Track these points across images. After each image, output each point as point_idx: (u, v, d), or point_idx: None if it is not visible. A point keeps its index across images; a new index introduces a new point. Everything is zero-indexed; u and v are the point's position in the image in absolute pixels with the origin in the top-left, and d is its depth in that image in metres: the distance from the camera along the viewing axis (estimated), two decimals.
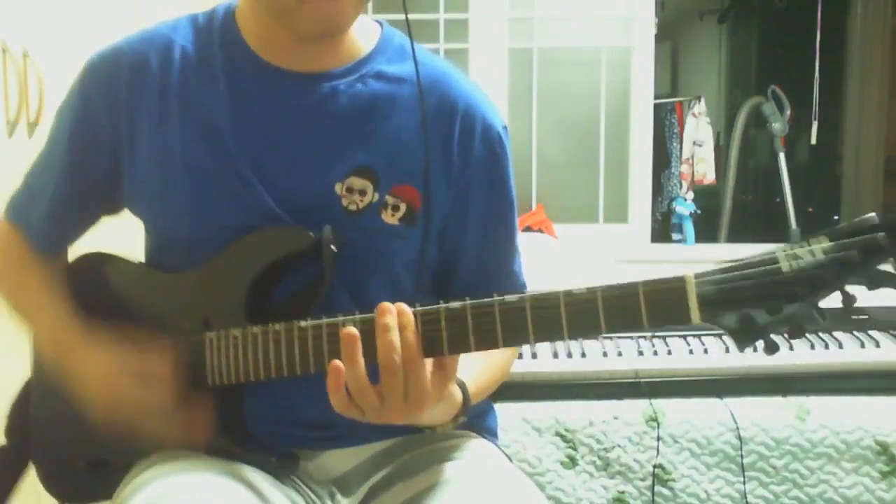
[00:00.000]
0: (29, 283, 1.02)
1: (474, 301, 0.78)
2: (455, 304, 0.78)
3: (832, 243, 0.70)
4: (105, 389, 0.91)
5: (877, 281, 0.70)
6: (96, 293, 1.00)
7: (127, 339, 0.92)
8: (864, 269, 0.69)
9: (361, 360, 0.77)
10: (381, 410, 0.78)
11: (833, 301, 0.72)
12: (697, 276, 0.73)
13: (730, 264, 0.73)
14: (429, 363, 0.79)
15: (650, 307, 0.74)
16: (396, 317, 0.77)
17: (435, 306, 0.79)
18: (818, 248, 0.70)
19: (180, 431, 0.89)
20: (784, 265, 0.70)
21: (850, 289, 0.71)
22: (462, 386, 0.86)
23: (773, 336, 0.73)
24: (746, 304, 0.71)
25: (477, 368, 0.92)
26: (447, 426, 0.87)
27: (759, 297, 0.71)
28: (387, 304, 0.78)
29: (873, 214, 0.71)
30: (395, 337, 0.76)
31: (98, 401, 0.92)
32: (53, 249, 1.04)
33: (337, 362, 0.77)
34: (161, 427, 0.90)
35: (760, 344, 0.73)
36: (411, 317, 0.77)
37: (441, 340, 0.78)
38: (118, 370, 0.90)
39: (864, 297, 0.73)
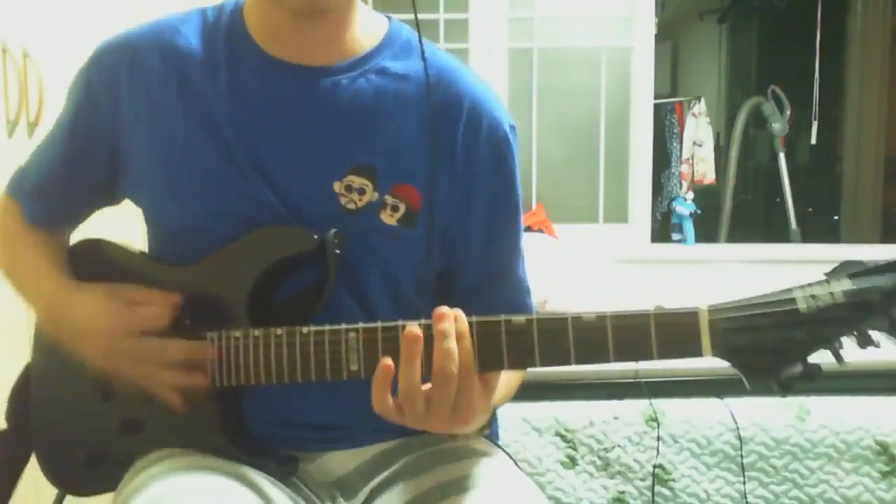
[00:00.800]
0: (23, 251, 1.03)
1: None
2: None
3: (852, 287, 0.68)
4: (99, 339, 0.91)
5: None
6: (94, 278, 0.99)
7: (122, 293, 0.92)
8: (884, 312, 0.67)
9: (419, 361, 0.75)
10: (425, 417, 0.77)
11: (850, 346, 0.70)
12: (711, 310, 0.72)
13: (745, 301, 0.71)
14: None
15: (661, 339, 0.73)
16: (454, 323, 0.76)
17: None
18: (837, 290, 0.68)
19: (178, 379, 0.88)
20: (801, 304, 0.69)
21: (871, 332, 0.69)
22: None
23: (786, 380, 0.71)
24: (760, 345, 0.70)
25: (500, 383, 0.92)
26: (470, 435, 0.86)
27: (773, 337, 0.69)
28: (445, 309, 0.76)
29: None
30: (454, 345, 0.75)
31: (92, 353, 0.92)
32: (43, 223, 1.04)
33: (387, 361, 0.76)
34: (159, 374, 0.88)
35: (775, 387, 0.72)
36: (467, 325, 0.76)
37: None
38: (112, 319, 0.90)
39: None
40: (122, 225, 1.08)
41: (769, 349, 0.70)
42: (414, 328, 0.76)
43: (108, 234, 1.04)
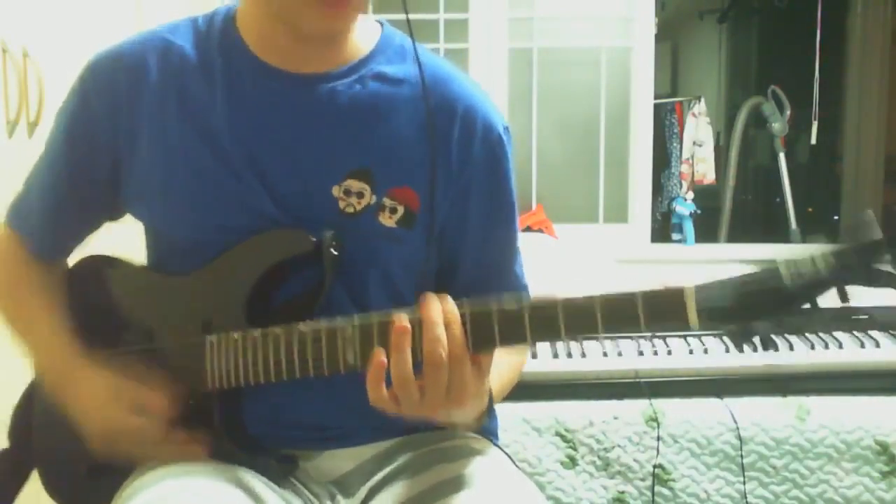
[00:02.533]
0: (26, 296, 1.01)
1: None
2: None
3: (832, 252, 0.72)
4: (100, 417, 0.92)
5: (874, 280, 0.72)
6: (97, 296, 1.00)
7: (122, 363, 0.92)
8: (862, 270, 0.71)
9: (409, 352, 0.77)
10: (420, 404, 0.78)
11: (831, 299, 0.73)
12: (698, 287, 0.75)
13: (728, 277, 0.75)
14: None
15: (648, 310, 0.75)
16: (442, 312, 0.78)
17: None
18: (819, 258, 0.72)
19: (177, 454, 0.90)
20: (785, 276, 0.72)
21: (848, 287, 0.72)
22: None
23: (769, 334, 0.75)
24: (745, 305, 0.73)
25: (494, 372, 0.92)
26: (471, 426, 0.87)
27: (758, 300, 0.72)
28: (431, 297, 0.79)
29: (870, 212, 0.72)
30: (442, 331, 0.77)
31: (93, 427, 0.93)
32: (53, 255, 1.04)
33: (380, 354, 0.77)
34: (158, 452, 0.91)
35: (757, 340, 0.75)
36: (457, 312, 0.78)
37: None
38: (113, 399, 0.90)
39: (864, 297, 0.73)
40: (119, 234, 1.08)
41: (753, 305, 0.73)
42: (403, 320, 0.78)
43: (105, 246, 1.03)
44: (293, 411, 0.95)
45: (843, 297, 0.72)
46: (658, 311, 0.75)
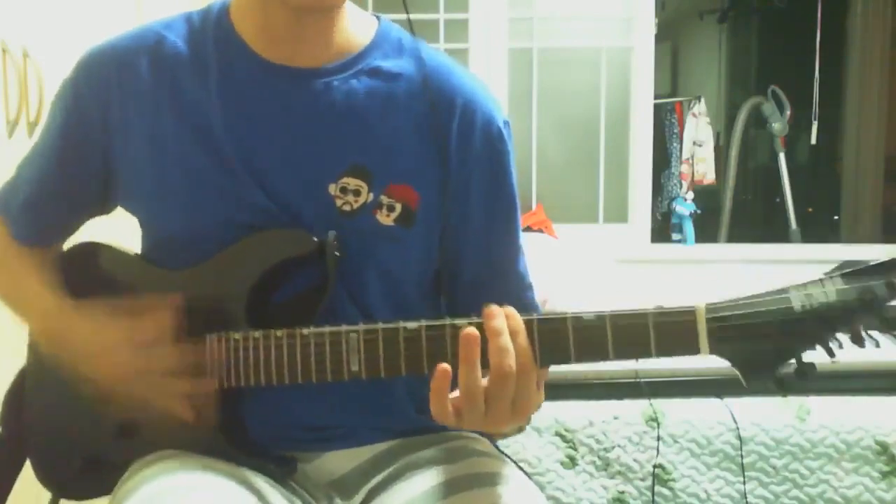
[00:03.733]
0: (15, 269, 1.02)
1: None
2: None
3: (846, 286, 0.69)
4: (105, 359, 0.90)
5: (890, 324, 0.70)
6: (91, 282, 0.99)
7: (118, 305, 0.91)
8: (877, 311, 0.69)
9: (479, 362, 0.75)
10: (484, 417, 0.76)
11: (850, 345, 0.72)
12: (708, 308, 0.73)
13: (741, 299, 0.72)
14: None
15: (659, 335, 0.74)
16: (506, 320, 0.76)
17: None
18: (831, 288, 0.70)
19: (184, 398, 0.88)
20: (795, 303, 0.70)
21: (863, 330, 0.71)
22: None
23: (781, 377, 0.73)
24: (756, 343, 0.71)
25: None
26: (469, 435, 0.87)
27: (769, 334, 0.70)
28: (495, 307, 0.76)
29: (892, 259, 0.70)
30: (508, 341, 0.75)
31: (97, 371, 0.91)
32: (33, 239, 1.03)
33: (444, 365, 0.75)
34: (164, 391, 0.88)
35: (771, 384, 0.73)
36: (521, 322, 0.76)
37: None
38: (115, 339, 0.89)
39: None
40: (113, 226, 1.07)
41: (765, 347, 0.71)
42: (471, 329, 0.75)
43: (101, 235, 1.03)
44: (292, 412, 0.95)
45: (857, 340, 0.70)
46: (670, 342, 0.74)
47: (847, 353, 1.65)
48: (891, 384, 1.63)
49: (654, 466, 1.56)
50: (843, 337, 0.71)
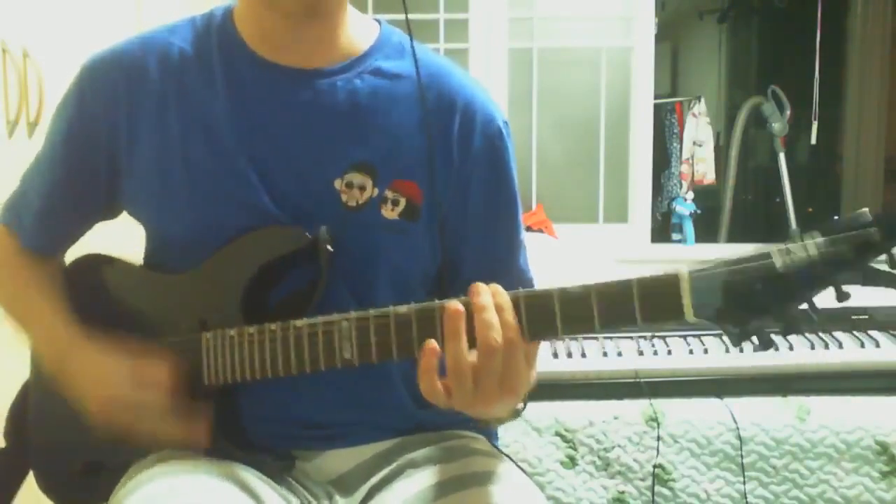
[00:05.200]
0: (23, 284, 1.02)
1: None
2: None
3: (824, 239, 0.70)
4: (101, 393, 0.91)
5: (870, 278, 0.70)
6: (94, 295, 1.00)
7: (123, 344, 0.92)
8: (858, 265, 0.70)
9: (464, 337, 0.75)
10: (473, 394, 0.76)
11: (828, 299, 0.73)
12: (692, 272, 0.73)
13: (724, 261, 0.73)
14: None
15: (643, 302, 0.74)
16: (492, 296, 0.76)
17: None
18: (811, 244, 0.70)
19: (178, 434, 0.89)
20: (777, 261, 0.71)
21: (845, 286, 0.71)
22: None
23: (768, 333, 0.73)
24: (740, 300, 0.71)
25: None
26: (469, 435, 0.86)
27: (752, 292, 0.71)
28: (480, 285, 0.77)
29: (866, 210, 0.71)
30: (494, 315, 0.75)
31: (95, 405, 0.92)
32: (45, 249, 1.03)
33: (432, 343, 0.75)
34: (159, 430, 0.90)
35: (755, 340, 0.73)
36: (508, 298, 0.76)
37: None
38: (114, 374, 0.90)
39: (864, 297, 0.73)
40: (117, 232, 1.08)
41: (749, 305, 0.72)
42: (455, 304, 0.75)
43: (105, 242, 1.03)
44: (293, 410, 0.95)
45: (841, 296, 0.72)
46: (654, 304, 0.74)
47: (847, 354, 1.66)
48: (891, 384, 1.63)
49: (654, 466, 1.56)
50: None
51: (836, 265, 0.69)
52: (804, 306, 0.72)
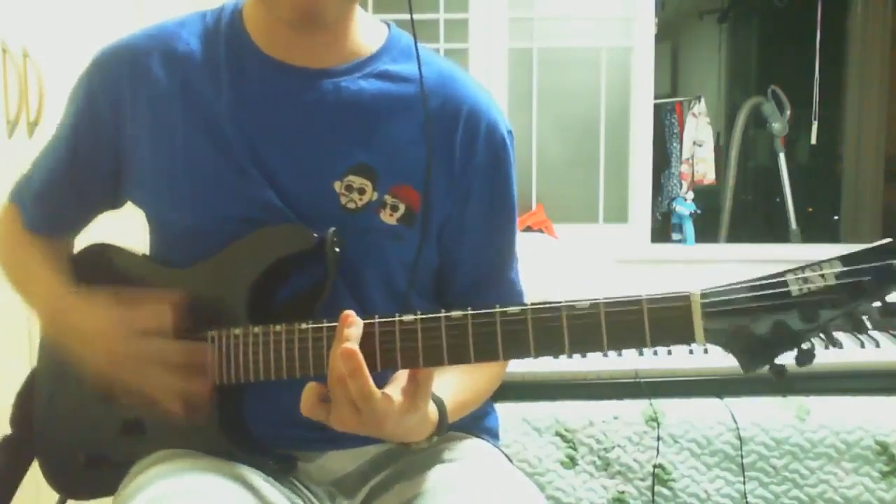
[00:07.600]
0: (25, 257, 1.03)
1: (475, 311, 0.76)
2: (455, 314, 0.77)
3: (843, 269, 0.68)
4: (101, 347, 0.91)
5: (889, 310, 0.68)
6: (99, 284, 1.00)
7: (123, 296, 0.92)
8: (876, 296, 0.67)
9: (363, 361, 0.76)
10: (333, 416, 0.78)
11: (850, 345, 0.70)
12: (703, 294, 0.71)
13: (736, 285, 0.71)
14: (403, 375, 0.79)
15: (654, 326, 0.72)
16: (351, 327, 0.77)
17: (414, 317, 0.78)
18: (829, 273, 0.68)
19: (180, 385, 0.88)
20: (793, 288, 0.69)
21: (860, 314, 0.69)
22: (440, 403, 0.86)
23: (782, 366, 0.71)
24: (753, 330, 0.70)
25: (457, 385, 0.91)
26: (422, 444, 0.86)
27: (765, 322, 0.69)
28: (348, 313, 0.78)
29: (890, 241, 0.69)
30: (343, 346, 0.76)
31: (96, 361, 0.92)
32: (45, 230, 1.04)
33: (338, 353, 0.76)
34: (160, 382, 0.88)
35: (767, 370, 0.72)
36: (355, 328, 0.77)
37: (416, 351, 0.77)
38: (112, 326, 0.90)
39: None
40: (122, 227, 1.08)
41: (762, 334, 0.70)
42: (352, 345, 0.76)
43: (110, 236, 1.04)
44: (295, 411, 0.95)
45: (856, 326, 0.69)
46: (664, 328, 0.72)
47: (847, 354, 1.65)
48: (891, 384, 1.63)
49: (654, 466, 1.56)
50: (842, 336, 0.70)
51: (852, 294, 0.67)
52: (817, 336, 0.70)
